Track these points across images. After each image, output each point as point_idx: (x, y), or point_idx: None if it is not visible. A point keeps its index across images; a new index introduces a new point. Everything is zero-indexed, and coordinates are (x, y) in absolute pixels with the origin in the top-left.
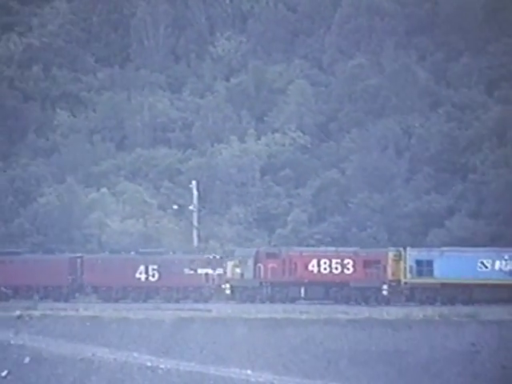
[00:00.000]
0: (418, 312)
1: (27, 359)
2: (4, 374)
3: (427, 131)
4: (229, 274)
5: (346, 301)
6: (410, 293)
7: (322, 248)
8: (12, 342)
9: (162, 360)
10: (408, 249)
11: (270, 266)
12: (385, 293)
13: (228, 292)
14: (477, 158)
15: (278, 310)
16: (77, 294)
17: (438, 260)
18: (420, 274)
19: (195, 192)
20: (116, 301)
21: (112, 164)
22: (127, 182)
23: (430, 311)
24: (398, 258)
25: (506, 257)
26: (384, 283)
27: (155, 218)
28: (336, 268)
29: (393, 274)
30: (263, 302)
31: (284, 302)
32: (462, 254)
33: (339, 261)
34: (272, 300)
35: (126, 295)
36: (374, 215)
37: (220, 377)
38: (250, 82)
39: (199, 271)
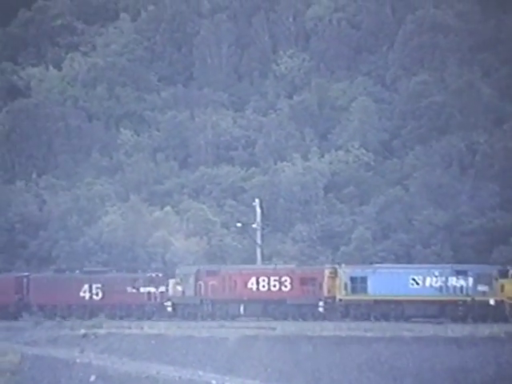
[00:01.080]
0: (483, 329)
1: (93, 377)
2: None
3: (491, 148)
4: (171, 292)
5: (284, 317)
6: (345, 309)
7: (261, 266)
8: (78, 360)
9: (226, 378)
10: (342, 266)
11: (210, 283)
12: (321, 309)
13: (170, 309)
14: None
15: (342, 328)
16: (23, 313)
17: (372, 277)
18: (354, 290)
19: (258, 210)
20: (63, 318)
21: (176, 182)
22: (191, 200)
23: (496, 328)
24: (334, 275)
25: (437, 273)
26: (320, 300)
27: (219, 236)
28: (274, 285)
29: (328, 291)
30: (204, 319)
31: (224, 319)
32: (394, 270)
33: (277, 278)
34: (213, 317)
35: (71, 313)
36: (438, 232)
37: None
38: (313, 99)
39: (141, 290)
